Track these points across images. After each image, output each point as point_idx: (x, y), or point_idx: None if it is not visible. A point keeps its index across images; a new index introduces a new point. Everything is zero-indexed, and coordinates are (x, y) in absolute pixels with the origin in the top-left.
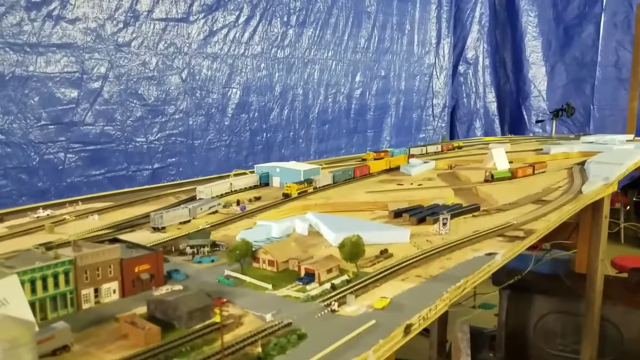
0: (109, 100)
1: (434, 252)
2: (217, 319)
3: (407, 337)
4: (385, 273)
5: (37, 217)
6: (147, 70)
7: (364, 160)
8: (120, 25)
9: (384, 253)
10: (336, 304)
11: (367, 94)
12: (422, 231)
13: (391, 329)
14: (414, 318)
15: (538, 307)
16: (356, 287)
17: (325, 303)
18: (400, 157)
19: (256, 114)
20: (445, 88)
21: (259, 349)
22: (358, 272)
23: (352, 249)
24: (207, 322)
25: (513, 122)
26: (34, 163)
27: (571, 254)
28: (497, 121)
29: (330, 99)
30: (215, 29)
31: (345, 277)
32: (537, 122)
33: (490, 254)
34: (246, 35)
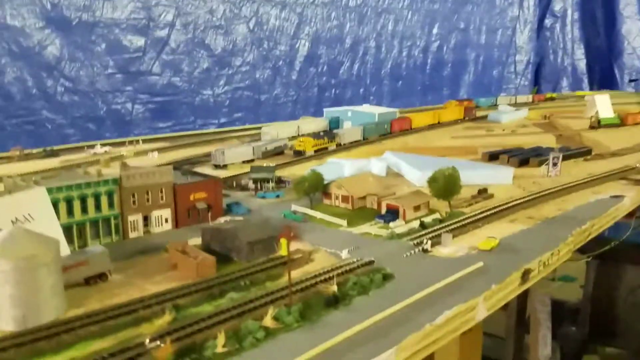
0: (176, 49)
1: (545, 193)
2: (283, 252)
3: (524, 285)
4: (488, 213)
5: (94, 153)
6: (214, 19)
7: (445, 108)
8: None
9: (483, 193)
10: (429, 242)
11: (445, 48)
12: (526, 173)
13: (505, 273)
14: (534, 262)
15: (630, 279)
16: (452, 227)
17: (415, 242)
18: (455, 110)
19: (325, 67)
20: (529, 43)
21: (335, 288)
22: (451, 211)
23: (446, 184)
24: (271, 256)
25: (603, 81)
26: (102, 113)
27: None
28: (585, 80)
29: (404, 53)
30: None
31: (436, 215)
32: (631, 81)
33: (616, 197)
34: None
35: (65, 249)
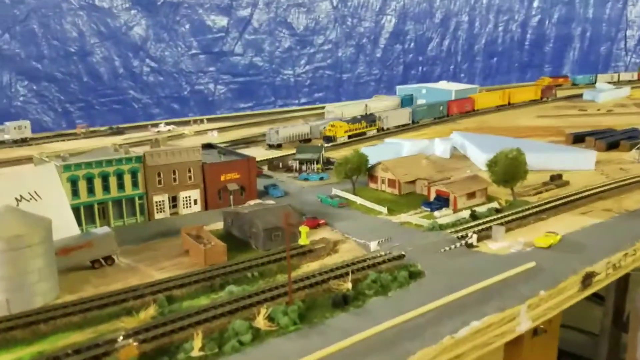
0: (258, 29)
1: (631, 181)
2: (303, 241)
3: (585, 291)
4: (557, 203)
5: (158, 131)
6: None
7: (537, 86)
8: None
9: (556, 179)
10: (475, 236)
11: (547, 22)
12: (614, 158)
13: (561, 276)
14: (600, 264)
15: None
16: (509, 218)
17: (459, 235)
18: (529, 90)
19: (412, 44)
20: None
21: (349, 285)
22: (514, 200)
23: (508, 168)
24: (291, 245)
25: None
26: (185, 93)
27: None
28: None
29: (500, 28)
30: None
31: (494, 204)
32: None
33: None
34: None
35: (73, 230)
